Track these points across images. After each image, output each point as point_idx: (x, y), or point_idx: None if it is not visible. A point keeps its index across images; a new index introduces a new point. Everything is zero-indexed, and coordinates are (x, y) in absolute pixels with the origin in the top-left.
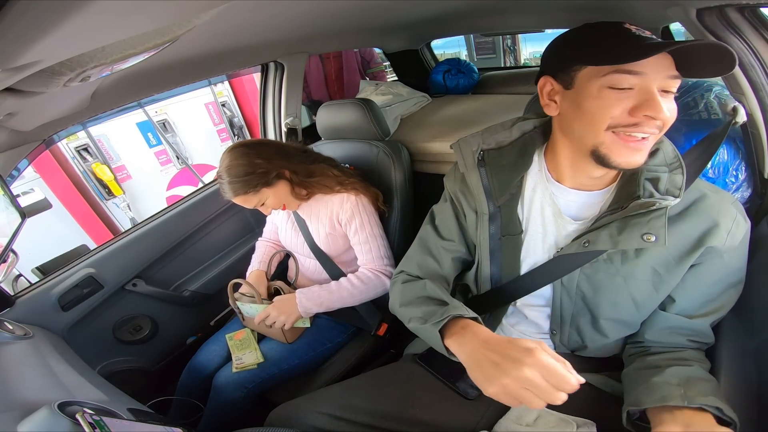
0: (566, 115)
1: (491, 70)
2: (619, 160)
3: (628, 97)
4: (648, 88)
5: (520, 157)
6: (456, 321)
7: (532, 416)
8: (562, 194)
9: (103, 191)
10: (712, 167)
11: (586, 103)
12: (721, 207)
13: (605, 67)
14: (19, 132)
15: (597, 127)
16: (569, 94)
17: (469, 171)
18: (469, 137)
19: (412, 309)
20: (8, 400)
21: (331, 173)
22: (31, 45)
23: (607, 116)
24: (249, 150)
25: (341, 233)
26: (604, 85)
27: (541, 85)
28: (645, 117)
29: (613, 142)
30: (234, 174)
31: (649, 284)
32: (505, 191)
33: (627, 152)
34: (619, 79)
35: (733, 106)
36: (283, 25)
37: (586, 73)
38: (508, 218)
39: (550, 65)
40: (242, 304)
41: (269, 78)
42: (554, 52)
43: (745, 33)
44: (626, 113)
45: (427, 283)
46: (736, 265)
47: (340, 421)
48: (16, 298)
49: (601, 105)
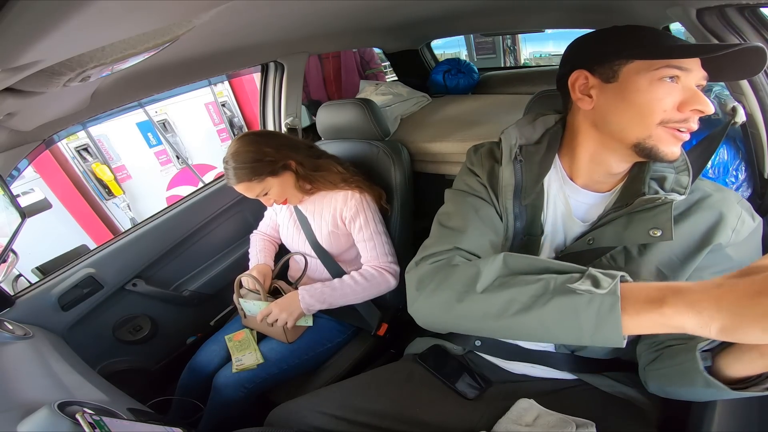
0: (605, 109)
1: (491, 70)
2: (666, 151)
3: (676, 91)
4: (690, 84)
5: (547, 154)
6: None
7: (532, 416)
8: (573, 194)
9: (103, 191)
10: (712, 167)
11: (634, 96)
12: (725, 205)
13: (657, 61)
14: (19, 132)
15: (648, 119)
16: (611, 88)
17: (506, 167)
18: (510, 129)
19: (509, 291)
20: (8, 400)
21: (336, 169)
22: (31, 45)
23: (660, 109)
24: (259, 138)
25: (344, 231)
26: (656, 77)
27: (573, 79)
28: (693, 112)
29: (664, 134)
30: (241, 160)
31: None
32: (533, 190)
33: (674, 142)
34: (670, 72)
35: (732, 105)
36: (283, 25)
37: (633, 67)
38: (531, 219)
39: (584, 59)
40: (245, 301)
41: (269, 78)
42: (589, 47)
43: (745, 33)
44: (675, 108)
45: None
46: (742, 262)
47: (340, 421)
48: (16, 298)
49: (652, 98)
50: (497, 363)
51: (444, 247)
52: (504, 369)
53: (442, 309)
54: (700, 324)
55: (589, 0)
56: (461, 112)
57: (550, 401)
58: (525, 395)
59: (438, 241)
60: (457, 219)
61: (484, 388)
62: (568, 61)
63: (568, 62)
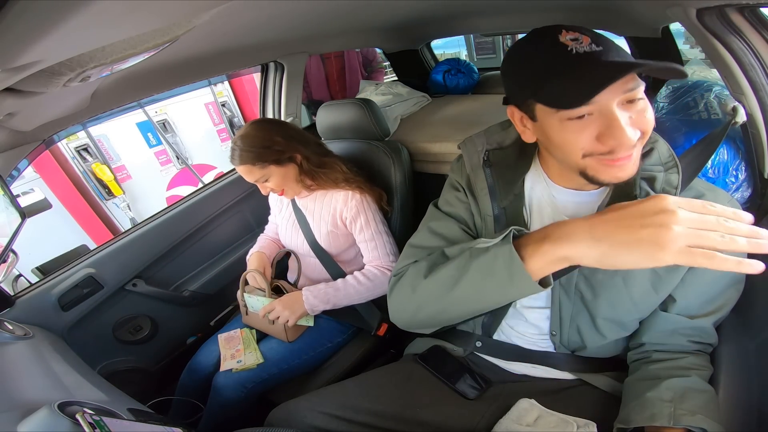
0: (542, 142)
1: (491, 70)
2: (607, 179)
3: (590, 124)
4: (607, 109)
5: (520, 157)
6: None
7: (533, 416)
8: (559, 194)
9: (103, 191)
10: (712, 167)
11: (553, 136)
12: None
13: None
14: (19, 132)
15: (573, 155)
16: (537, 125)
17: (474, 171)
18: (474, 137)
19: (443, 269)
20: (8, 400)
21: (340, 169)
22: (31, 45)
23: (577, 147)
24: (271, 126)
25: (343, 231)
26: (563, 118)
27: (509, 113)
28: (614, 144)
29: (596, 164)
30: (249, 143)
31: (648, 284)
32: (509, 192)
33: (613, 171)
34: (573, 112)
35: (732, 105)
36: (283, 25)
37: (541, 108)
38: (512, 220)
39: (510, 94)
40: (249, 296)
41: (269, 78)
42: (508, 82)
43: (745, 33)
44: (594, 141)
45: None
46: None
47: (340, 421)
48: (16, 298)
49: (566, 138)
50: (498, 363)
51: (406, 261)
52: (504, 369)
53: (404, 302)
54: (579, 253)
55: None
56: (461, 112)
57: (551, 401)
58: (526, 395)
59: (401, 260)
60: (421, 237)
61: (484, 389)
62: (504, 91)
63: (504, 92)
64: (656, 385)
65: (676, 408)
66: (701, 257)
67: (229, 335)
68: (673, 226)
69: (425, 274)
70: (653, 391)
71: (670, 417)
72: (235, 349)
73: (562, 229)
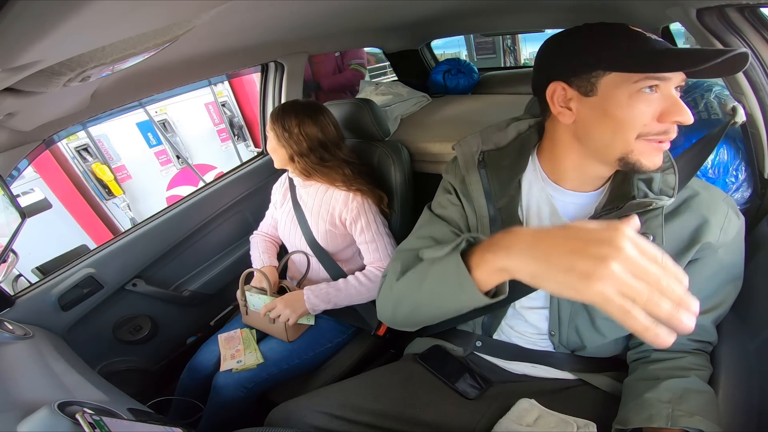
0: (586, 123)
1: (491, 70)
2: (648, 164)
3: (655, 102)
4: (669, 92)
5: (517, 158)
6: (476, 246)
7: (533, 416)
8: (558, 195)
9: (103, 191)
10: (711, 167)
11: (615, 111)
12: (711, 203)
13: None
14: (19, 132)
15: (628, 135)
16: (590, 102)
17: (469, 172)
18: (469, 138)
19: (411, 272)
20: (8, 400)
21: (341, 171)
22: (31, 45)
23: (640, 124)
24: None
25: (342, 231)
26: (635, 90)
27: (550, 92)
28: (673, 123)
29: (645, 148)
30: (275, 115)
31: None
32: (504, 193)
33: (656, 155)
34: (650, 83)
35: (732, 106)
36: (283, 25)
37: (611, 80)
38: (508, 221)
39: (559, 70)
40: (250, 295)
41: (269, 78)
42: (563, 57)
43: (745, 33)
44: (654, 120)
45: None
46: (731, 261)
47: (340, 421)
48: (16, 298)
49: (633, 114)
50: (498, 363)
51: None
52: (504, 369)
53: (384, 300)
54: (514, 266)
55: (589, 0)
56: (461, 112)
57: (551, 401)
58: (526, 395)
59: (392, 260)
60: (411, 240)
61: (484, 388)
62: (543, 71)
63: (543, 71)
64: (655, 386)
65: (674, 409)
66: (617, 310)
67: (229, 335)
68: (611, 262)
69: (398, 276)
70: (652, 391)
71: (668, 418)
72: (235, 349)
73: (506, 239)
